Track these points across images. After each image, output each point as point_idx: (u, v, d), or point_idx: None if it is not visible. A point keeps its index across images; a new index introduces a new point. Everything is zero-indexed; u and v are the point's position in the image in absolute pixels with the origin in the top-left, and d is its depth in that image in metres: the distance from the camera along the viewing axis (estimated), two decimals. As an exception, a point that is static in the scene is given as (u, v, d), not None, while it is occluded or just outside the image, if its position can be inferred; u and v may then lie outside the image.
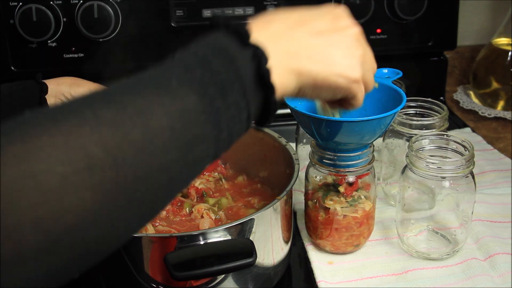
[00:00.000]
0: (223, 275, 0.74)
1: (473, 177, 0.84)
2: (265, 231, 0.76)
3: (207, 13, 1.21)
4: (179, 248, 0.69)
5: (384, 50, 1.29)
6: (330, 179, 0.84)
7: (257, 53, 0.50)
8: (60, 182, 0.37)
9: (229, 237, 0.71)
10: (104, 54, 1.18)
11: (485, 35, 1.44)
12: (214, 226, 0.77)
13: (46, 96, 0.89)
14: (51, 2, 1.12)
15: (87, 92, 0.44)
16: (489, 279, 0.82)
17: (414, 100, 0.97)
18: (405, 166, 0.86)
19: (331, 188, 0.84)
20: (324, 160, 0.82)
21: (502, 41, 1.34)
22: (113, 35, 1.16)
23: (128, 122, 0.41)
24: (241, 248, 0.71)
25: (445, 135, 0.87)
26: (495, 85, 1.34)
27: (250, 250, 0.70)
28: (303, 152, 1.01)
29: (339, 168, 0.82)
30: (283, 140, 0.90)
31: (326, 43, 0.57)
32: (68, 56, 1.17)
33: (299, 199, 0.96)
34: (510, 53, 1.31)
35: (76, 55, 1.17)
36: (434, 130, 0.92)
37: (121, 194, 0.40)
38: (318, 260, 0.87)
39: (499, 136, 1.25)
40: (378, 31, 1.26)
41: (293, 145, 0.98)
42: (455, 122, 1.29)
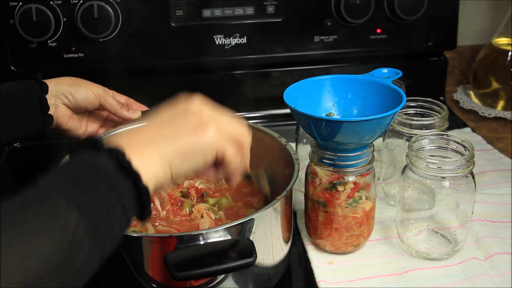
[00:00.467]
0: (223, 275, 0.74)
1: (473, 177, 0.84)
2: (265, 231, 0.76)
3: (207, 13, 1.21)
4: (179, 248, 0.69)
5: (384, 50, 1.29)
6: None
7: (133, 173, 0.54)
8: None
9: (229, 237, 0.71)
10: (104, 54, 1.18)
11: (485, 35, 1.44)
12: (214, 226, 0.77)
13: (46, 96, 0.89)
14: (51, 2, 1.12)
15: None
16: (489, 279, 0.82)
17: (414, 100, 0.97)
18: (405, 166, 0.86)
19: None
20: (324, 160, 0.82)
21: (502, 41, 1.34)
22: (113, 35, 1.16)
23: (18, 244, 0.45)
24: (241, 248, 0.71)
25: (445, 135, 0.87)
26: (495, 85, 1.34)
27: (250, 250, 0.70)
28: (303, 152, 1.01)
29: (339, 168, 0.82)
30: (283, 140, 0.90)
31: (183, 125, 0.62)
32: (68, 56, 1.17)
33: (299, 199, 0.96)
34: (510, 53, 1.31)
35: (76, 55, 1.17)
36: (434, 130, 0.92)
37: None
38: (318, 260, 0.87)
39: (499, 136, 1.25)
40: (378, 31, 1.26)
41: (293, 145, 0.98)
42: (455, 122, 1.29)
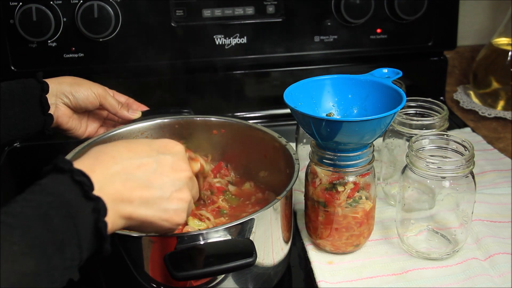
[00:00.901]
0: (223, 275, 0.74)
1: (473, 177, 0.84)
2: (265, 231, 0.76)
3: (207, 13, 1.21)
4: (179, 248, 0.69)
5: (384, 50, 1.29)
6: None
7: (97, 207, 0.55)
8: None
9: (229, 237, 0.71)
10: (104, 54, 1.18)
11: (485, 35, 1.44)
12: (214, 226, 0.77)
13: (47, 95, 0.88)
14: (51, 2, 1.12)
15: None
16: (489, 279, 0.82)
17: (414, 100, 0.97)
18: (405, 166, 0.86)
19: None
20: (324, 160, 0.82)
21: (502, 41, 1.34)
22: (113, 35, 1.16)
23: None
24: (241, 248, 0.70)
25: (445, 135, 0.87)
26: (495, 85, 1.34)
27: (250, 250, 0.70)
28: (303, 152, 1.01)
29: (339, 168, 0.82)
30: (283, 140, 0.90)
31: (161, 187, 0.62)
32: (68, 56, 1.17)
33: (299, 199, 0.96)
34: (510, 53, 1.31)
35: (76, 55, 1.17)
36: (434, 130, 0.92)
37: None
38: (318, 260, 0.87)
39: (499, 136, 1.25)
40: (378, 31, 1.26)
41: (293, 145, 0.98)
42: (455, 122, 1.29)
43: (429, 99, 0.97)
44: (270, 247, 0.78)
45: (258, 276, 0.78)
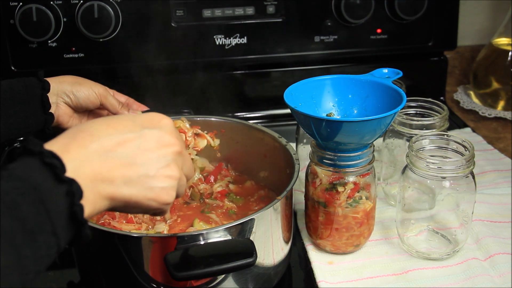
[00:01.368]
0: (223, 275, 0.74)
1: (473, 177, 0.84)
2: (265, 231, 0.76)
3: (207, 13, 1.21)
4: (179, 248, 0.69)
5: (384, 50, 1.29)
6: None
7: (71, 189, 0.50)
8: None
9: (229, 237, 0.71)
10: (104, 54, 1.18)
11: (485, 35, 1.44)
12: (214, 226, 0.77)
13: (48, 94, 0.88)
14: (51, 2, 1.12)
15: None
16: (489, 279, 0.82)
17: (414, 100, 0.97)
18: (405, 166, 0.86)
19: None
20: (324, 160, 0.82)
21: (502, 41, 1.34)
22: (113, 35, 1.16)
23: None
24: (241, 248, 0.70)
25: (445, 135, 0.87)
26: (495, 85, 1.34)
27: (250, 250, 0.70)
28: (303, 152, 1.01)
29: (340, 168, 0.82)
30: (283, 140, 0.90)
31: (146, 164, 0.57)
32: (68, 56, 1.17)
33: (299, 199, 0.96)
34: (510, 53, 1.31)
35: (76, 55, 1.17)
36: (434, 130, 0.92)
37: None
38: (318, 260, 0.87)
39: (499, 136, 1.25)
40: (378, 31, 1.26)
41: (293, 145, 0.98)
42: (455, 122, 1.29)
43: (429, 99, 0.97)
44: (270, 247, 0.78)
45: (258, 276, 0.78)
